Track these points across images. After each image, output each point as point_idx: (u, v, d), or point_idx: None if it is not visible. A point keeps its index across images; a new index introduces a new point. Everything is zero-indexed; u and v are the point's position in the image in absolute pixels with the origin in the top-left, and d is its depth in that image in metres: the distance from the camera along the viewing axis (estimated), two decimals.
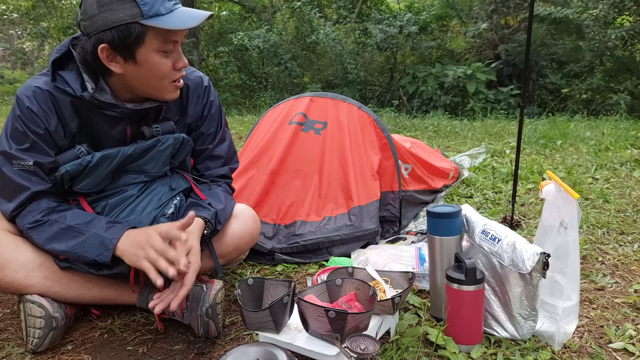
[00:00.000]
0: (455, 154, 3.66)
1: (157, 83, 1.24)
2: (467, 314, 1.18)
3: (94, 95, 1.21)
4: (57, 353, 1.24)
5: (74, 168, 1.24)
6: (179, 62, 1.24)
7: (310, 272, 1.72)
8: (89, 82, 1.22)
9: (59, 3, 11.78)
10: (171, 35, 1.19)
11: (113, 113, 1.25)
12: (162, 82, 1.24)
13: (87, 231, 1.21)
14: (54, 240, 1.21)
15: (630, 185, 2.70)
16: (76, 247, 1.20)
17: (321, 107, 2.17)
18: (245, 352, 1.04)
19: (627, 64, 7.50)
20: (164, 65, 1.21)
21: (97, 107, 1.24)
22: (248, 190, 1.96)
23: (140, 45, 1.16)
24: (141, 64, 1.19)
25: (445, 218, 1.28)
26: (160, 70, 1.22)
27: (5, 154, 1.22)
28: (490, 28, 8.01)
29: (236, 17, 11.77)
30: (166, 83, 1.25)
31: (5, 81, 13.25)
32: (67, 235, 1.21)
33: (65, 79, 1.22)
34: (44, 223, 1.22)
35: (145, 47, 1.17)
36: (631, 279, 1.59)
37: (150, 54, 1.18)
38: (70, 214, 1.24)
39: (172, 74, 1.25)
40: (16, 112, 1.22)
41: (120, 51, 1.17)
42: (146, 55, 1.18)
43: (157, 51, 1.19)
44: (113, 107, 1.24)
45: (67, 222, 1.22)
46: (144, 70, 1.20)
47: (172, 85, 1.27)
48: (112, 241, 1.19)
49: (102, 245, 1.19)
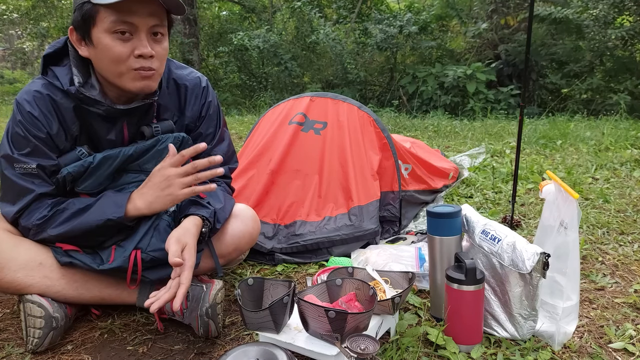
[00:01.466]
0: (455, 154, 3.66)
1: (114, 68, 1.20)
2: (467, 314, 1.18)
3: (80, 90, 1.21)
4: (57, 353, 1.24)
5: (76, 170, 1.25)
6: (138, 49, 1.18)
7: (310, 272, 1.72)
8: (77, 76, 1.23)
9: (59, 3, 11.77)
10: (123, 16, 1.15)
11: (99, 110, 1.25)
12: (118, 67, 1.19)
13: (97, 203, 1.24)
14: (66, 222, 1.23)
15: (630, 185, 2.70)
16: (88, 216, 1.22)
17: (321, 107, 2.17)
18: (245, 352, 1.04)
19: (627, 64, 7.50)
20: (116, 49, 1.17)
21: (84, 103, 1.24)
22: (248, 190, 1.96)
23: (93, 25, 1.17)
24: (96, 45, 1.19)
25: (445, 218, 1.28)
26: (113, 52, 1.17)
27: (7, 157, 1.22)
28: (490, 28, 8.01)
29: (236, 17, 11.77)
30: (124, 69, 1.20)
31: (5, 81, 13.25)
32: (78, 215, 1.23)
33: (55, 73, 1.24)
34: (53, 214, 1.23)
35: (98, 28, 1.17)
36: (631, 279, 1.59)
37: (102, 34, 1.17)
38: (78, 199, 1.26)
39: (130, 61, 1.19)
40: (17, 117, 1.22)
41: (80, 32, 1.19)
42: (99, 36, 1.17)
43: (109, 32, 1.16)
44: (98, 103, 1.24)
45: (77, 206, 1.24)
46: (100, 52, 1.19)
47: (133, 73, 1.20)
48: (123, 198, 1.23)
49: (115, 205, 1.23)
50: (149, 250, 1.27)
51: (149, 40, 1.20)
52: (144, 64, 1.20)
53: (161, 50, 1.24)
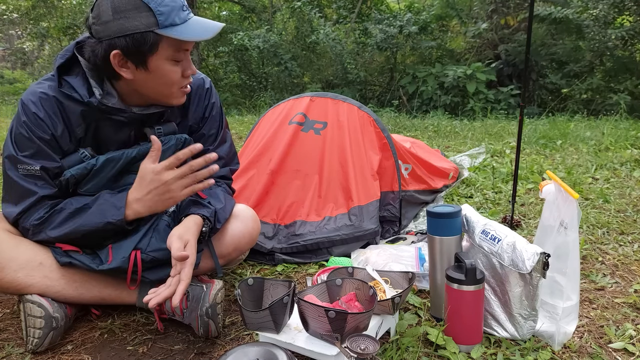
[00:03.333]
0: (455, 154, 3.66)
1: (166, 90, 1.26)
2: (467, 314, 1.18)
3: (102, 101, 1.23)
4: (57, 353, 1.24)
5: (79, 172, 1.25)
6: (187, 70, 1.26)
7: (310, 272, 1.72)
8: (97, 88, 1.24)
9: (59, 3, 11.77)
10: (183, 45, 1.21)
11: (121, 118, 1.27)
12: (170, 89, 1.26)
13: (95, 204, 1.24)
14: (64, 223, 1.23)
15: (630, 185, 2.70)
16: (88, 217, 1.22)
17: (321, 107, 2.17)
18: (245, 352, 1.04)
19: (627, 64, 7.50)
20: (174, 73, 1.23)
21: (105, 113, 1.25)
22: (248, 190, 1.96)
23: (154, 54, 1.18)
24: (152, 71, 1.20)
25: (445, 218, 1.28)
26: (171, 77, 1.23)
27: (11, 158, 1.22)
28: (490, 28, 8.01)
29: (236, 17, 11.77)
30: (175, 90, 1.27)
31: (5, 81, 13.24)
32: (77, 215, 1.23)
33: (72, 84, 1.23)
34: (50, 215, 1.24)
35: (158, 56, 1.19)
36: (631, 279, 1.59)
37: (162, 62, 1.20)
38: (75, 199, 1.26)
39: (180, 81, 1.26)
40: (22, 118, 1.22)
41: (132, 58, 1.18)
42: (158, 64, 1.20)
43: (169, 59, 1.21)
44: (121, 112, 1.26)
45: (74, 206, 1.24)
46: (155, 77, 1.22)
47: (180, 92, 1.29)
48: (122, 201, 1.23)
49: (113, 207, 1.22)
50: (149, 251, 1.27)
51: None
52: (190, 80, 1.31)
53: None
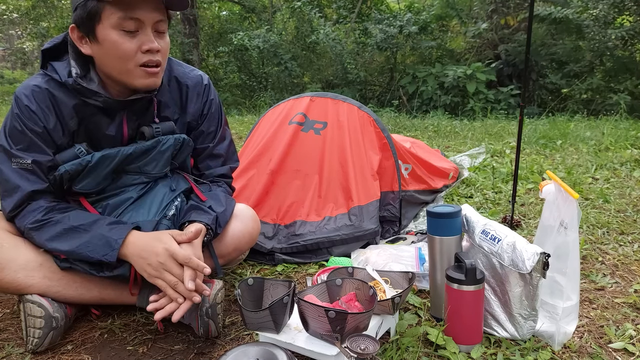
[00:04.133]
0: (455, 154, 3.66)
1: (121, 65, 1.21)
2: (467, 314, 1.18)
3: (77, 81, 1.21)
4: (57, 353, 1.24)
5: (74, 168, 1.24)
6: (145, 44, 1.19)
7: (310, 272, 1.72)
8: (75, 68, 1.23)
9: (59, 3, 11.77)
10: (130, 12, 1.16)
11: (96, 102, 1.24)
12: (126, 64, 1.20)
13: (91, 231, 1.20)
14: (57, 239, 1.21)
15: (630, 185, 2.70)
16: (80, 247, 1.19)
17: (321, 107, 2.17)
18: (245, 352, 1.04)
19: (627, 64, 7.51)
20: (125, 45, 1.18)
21: (82, 95, 1.24)
22: (248, 190, 1.96)
23: (98, 22, 1.17)
24: (102, 42, 1.18)
25: (445, 218, 1.28)
26: (120, 49, 1.18)
27: (5, 151, 1.22)
28: (490, 28, 8.01)
29: (236, 17, 11.77)
30: (131, 66, 1.21)
31: (5, 81, 13.25)
32: (70, 235, 1.21)
33: (54, 67, 1.24)
34: (46, 222, 1.22)
35: (103, 24, 1.17)
36: (631, 279, 1.59)
37: (108, 31, 1.17)
38: (74, 214, 1.24)
39: (138, 57, 1.20)
40: (15, 111, 1.22)
41: (84, 30, 1.19)
42: (105, 33, 1.17)
43: (116, 29, 1.17)
44: (96, 94, 1.23)
45: (71, 223, 1.21)
46: (106, 49, 1.19)
47: (140, 70, 1.22)
48: (117, 241, 1.19)
49: (108, 245, 1.19)
50: None
51: (154, 35, 1.22)
52: (151, 57, 1.22)
53: (165, 45, 1.26)
